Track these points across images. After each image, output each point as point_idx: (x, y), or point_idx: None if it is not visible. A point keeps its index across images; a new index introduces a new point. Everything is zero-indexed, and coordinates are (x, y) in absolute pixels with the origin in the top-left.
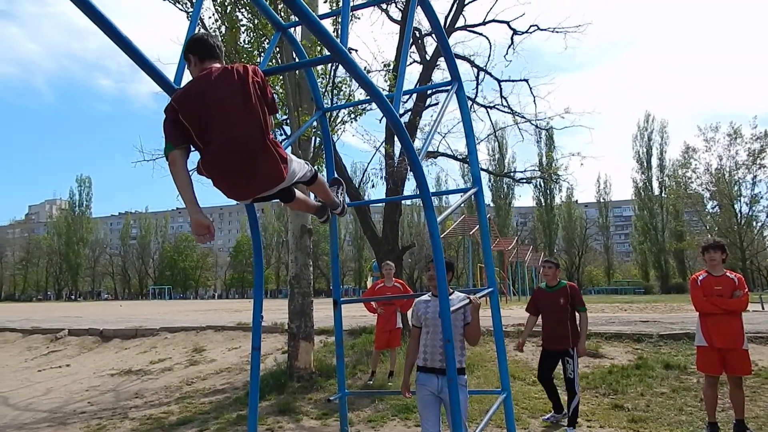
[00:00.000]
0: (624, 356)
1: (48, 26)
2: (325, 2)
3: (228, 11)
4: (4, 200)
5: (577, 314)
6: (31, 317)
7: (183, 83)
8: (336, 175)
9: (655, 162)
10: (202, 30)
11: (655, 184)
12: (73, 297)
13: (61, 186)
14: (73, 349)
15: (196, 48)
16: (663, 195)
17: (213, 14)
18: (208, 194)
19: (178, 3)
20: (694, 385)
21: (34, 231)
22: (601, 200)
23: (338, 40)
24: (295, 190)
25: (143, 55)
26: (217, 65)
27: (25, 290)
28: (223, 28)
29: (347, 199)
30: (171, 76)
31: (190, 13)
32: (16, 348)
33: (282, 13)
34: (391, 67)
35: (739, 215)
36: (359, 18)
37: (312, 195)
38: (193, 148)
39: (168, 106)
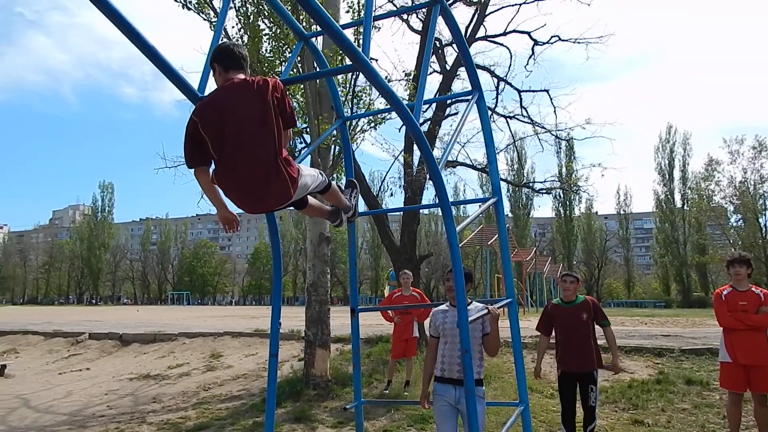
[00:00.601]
0: (644, 370)
1: (75, 36)
2: (347, 12)
3: (251, 20)
4: (29, 205)
5: (600, 330)
6: (53, 320)
7: (207, 91)
8: (353, 179)
9: (677, 174)
10: (226, 39)
11: (677, 197)
12: (93, 301)
13: (85, 192)
14: (93, 352)
15: (221, 58)
16: (685, 208)
17: (236, 24)
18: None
19: (202, 13)
20: (717, 401)
21: (58, 236)
22: (622, 212)
23: (360, 50)
24: (308, 197)
25: (169, 64)
26: (241, 76)
27: (48, 294)
28: (245, 38)
29: (361, 201)
30: (194, 84)
31: (214, 23)
32: (38, 351)
33: (304, 23)
34: (411, 77)
35: (764, 229)
36: (379, 28)
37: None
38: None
39: (190, 120)
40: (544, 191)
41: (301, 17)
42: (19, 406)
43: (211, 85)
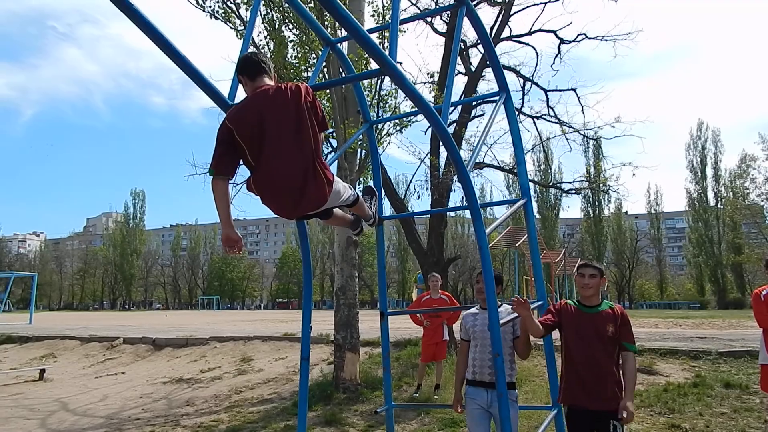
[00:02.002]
0: (680, 374)
1: (105, 47)
2: (371, 15)
3: (276, 27)
4: (64, 214)
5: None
6: (88, 326)
7: (236, 99)
8: (371, 185)
9: (709, 172)
10: (252, 48)
11: (710, 195)
12: (126, 306)
13: (117, 199)
14: (127, 356)
15: (245, 68)
16: (719, 206)
17: (261, 31)
18: (256, 206)
19: (229, 22)
20: (757, 405)
21: (92, 243)
22: (653, 211)
23: (387, 54)
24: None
25: (200, 73)
26: (269, 82)
27: (83, 299)
28: (271, 44)
29: (387, 204)
30: (224, 91)
31: (240, 31)
32: (75, 355)
33: (329, 29)
34: (436, 79)
35: None
36: (404, 32)
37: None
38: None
39: (222, 127)
40: (573, 191)
41: (327, 23)
42: (57, 409)
43: (241, 94)
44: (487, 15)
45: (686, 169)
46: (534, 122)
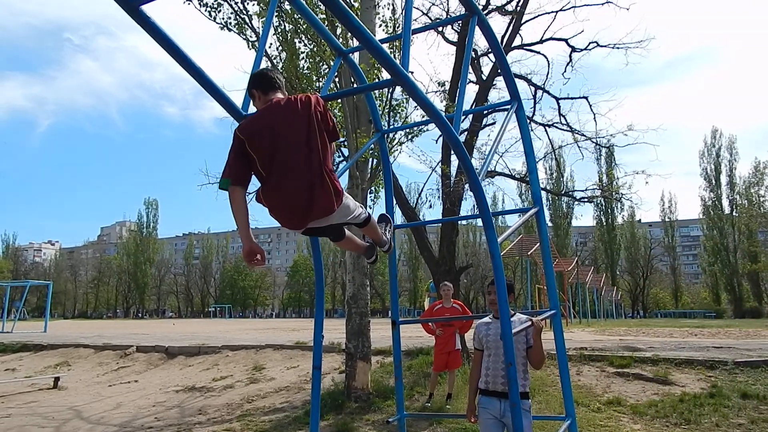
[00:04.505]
0: (696, 384)
1: (120, 59)
2: (380, 26)
3: (288, 38)
4: (79, 223)
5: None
6: (102, 334)
7: (250, 109)
8: (386, 212)
9: (724, 179)
10: (265, 58)
11: (725, 203)
12: (140, 314)
13: (131, 208)
14: (140, 365)
15: (259, 83)
16: (734, 214)
17: (273, 42)
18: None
19: (242, 34)
20: None
21: (106, 251)
22: (666, 219)
23: (399, 64)
24: (345, 229)
25: (215, 84)
26: (280, 95)
27: (97, 308)
28: (284, 55)
29: (398, 212)
30: (237, 102)
31: (253, 42)
32: (89, 363)
33: (340, 39)
34: (447, 88)
35: None
36: (413, 42)
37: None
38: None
39: (235, 138)
40: (586, 200)
41: (338, 33)
42: (72, 417)
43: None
44: (498, 24)
45: (700, 177)
46: (546, 130)
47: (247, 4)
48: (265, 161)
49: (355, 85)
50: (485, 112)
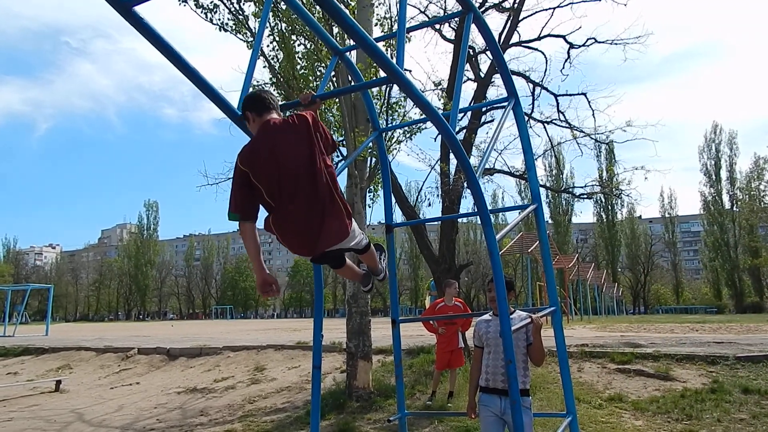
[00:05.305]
0: (697, 379)
1: (118, 61)
2: (376, 25)
3: (285, 38)
4: (80, 226)
5: None
6: (103, 336)
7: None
8: (380, 243)
9: (724, 175)
10: (261, 58)
11: (725, 198)
12: (141, 317)
13: (131, 211)
14: (142, 367)
15: (253, 105)
16: (735, 209)
17: (270, 42)
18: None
19: (239, 34)
20: None
21: (107, 254)
22: (667, 215)
23: (394, 62)
24: (346, 256)
25: (211, 86)
26: (275, 116)
27: (98, 310)
28: (280, 55)
29: (398, 211)
30: (233, 102)
31: (250, 43)
32: (91, 366)
33: (337, 38)
34: (445, 86)
35: None
36: (409, 39)
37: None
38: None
39: (237, 169)
40: (585, 196)
41: (335, 33)
42: (74, 420)
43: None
44: (496, 21)
45: (700, 172)
46: (545, 127)
47: (243, 4)
48: (271, 191)
49: (352, 84)
50: (483, 109)
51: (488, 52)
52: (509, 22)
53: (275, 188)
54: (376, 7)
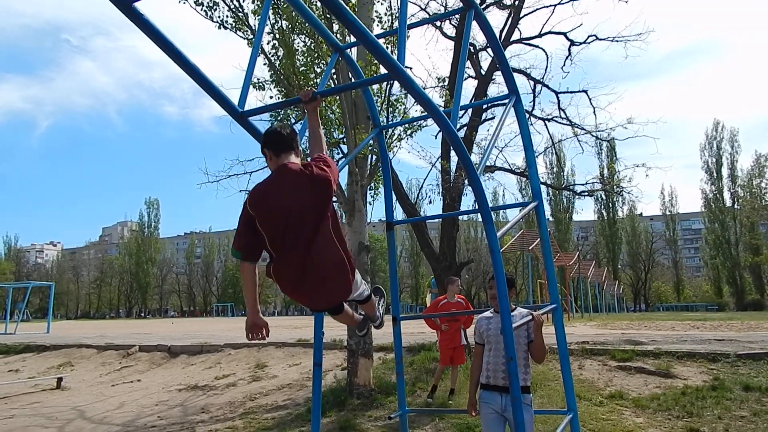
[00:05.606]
0: (698, 377)
1: (118, 59)
2: (376, 21)
3: (285, 35)
4: (81, 224)
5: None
6: (104, 334)
7: (246, 106)
8: (379, 286)
9: (725, 172)
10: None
11: (727, 196)
12: (142, 314)
13: (132, 208)
14: (143, 364)
15: (270, 144)
16: (736, 207)
17: (270, 40)
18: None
19: (239, 31)
20: None
21: (108, 252)
22: (668, 213)
23: (395, 59)
24: (345, 303)
25: (212, 83)
26: (294, 160)
27: (99, 308)
28: (281, 52)
29: (399, 209)
30: (234, 99)
31: (250, 40)
32: (92, 363)
33: (338, 35)
34: (446, 83)
35: None
36: (409, 36)
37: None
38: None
39: (245, 211)
40: (586, 194)
41: (335, 30)
42: (75, 417)
43: (252, 101)
44: (497, 18)
45: (701, 170)
46: (545, 124)
47: (243, 1)
48: (276, 242)
49: (353, 80)
50: (484, 106)
51: (489, 49)
52: (510, 19)
53: (279, 240)
54: (379, 3)
